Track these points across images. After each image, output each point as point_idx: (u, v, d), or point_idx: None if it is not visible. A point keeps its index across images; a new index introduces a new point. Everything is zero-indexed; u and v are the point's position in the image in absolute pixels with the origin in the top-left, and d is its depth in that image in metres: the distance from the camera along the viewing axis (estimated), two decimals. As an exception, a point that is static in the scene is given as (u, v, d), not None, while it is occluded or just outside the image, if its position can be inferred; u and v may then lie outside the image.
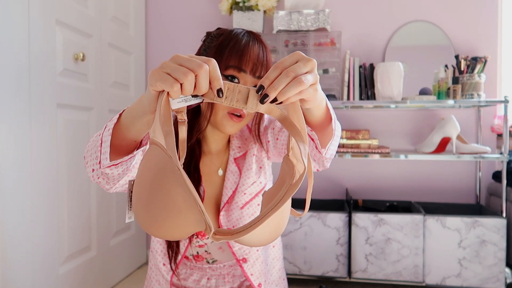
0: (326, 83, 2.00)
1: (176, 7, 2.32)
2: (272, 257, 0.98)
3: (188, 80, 0.44)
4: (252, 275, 0.90)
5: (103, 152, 0.59)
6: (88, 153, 0.66)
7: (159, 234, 0.46)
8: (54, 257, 1.49)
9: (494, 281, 1.70)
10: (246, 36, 0.79)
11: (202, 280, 0.94)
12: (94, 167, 0.63)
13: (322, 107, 0.59)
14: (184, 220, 0.44)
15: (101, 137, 0.60)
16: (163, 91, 0.46)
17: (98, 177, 0.65)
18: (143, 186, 0.46)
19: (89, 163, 0.65)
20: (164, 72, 0.45)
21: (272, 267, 0.97)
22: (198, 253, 0.91)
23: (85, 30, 1.67)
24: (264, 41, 0.81)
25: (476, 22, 2.05)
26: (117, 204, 1.96)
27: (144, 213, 0.46)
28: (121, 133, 0.59)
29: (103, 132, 0.60)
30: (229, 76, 0.77)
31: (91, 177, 0.66)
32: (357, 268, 1.78)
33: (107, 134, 0.58)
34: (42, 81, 1.42)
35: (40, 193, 1.41)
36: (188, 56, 0.46)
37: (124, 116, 0.58)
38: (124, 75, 2.04)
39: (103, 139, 0.59)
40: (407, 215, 1.75)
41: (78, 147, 1.64)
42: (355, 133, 1.91)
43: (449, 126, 1.83)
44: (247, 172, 0.89)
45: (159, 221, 0.45)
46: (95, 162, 0.62)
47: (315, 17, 1.94)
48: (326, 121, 0.65)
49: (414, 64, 2.07)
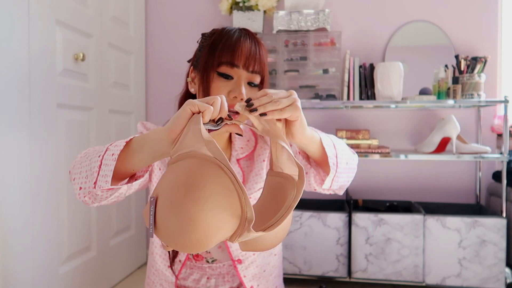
0: (326, 83, 2.01)
1: (176, 7, 2.32)
2: (272, 265, 0.97)
3: (217, 103, 0.56)
4: (245, 277, 0.90)
5: (103, 175, 0.60)
6: (77, 170, 0.66)
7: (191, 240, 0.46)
8: (54, 257, 1.49)
9: (494, 281, 1.70)
10: (238, 32, 0.80)
11: (202, 280, 0.94)
12: (84, 186, 0.64)
13: (315, 143, 0.69)
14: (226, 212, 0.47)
15: (101, 159, 0.61)
16: (198, 112, 0.55)
17: (84, 196, 0.66)
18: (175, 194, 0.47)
19: (77, 180, 0.65)
20: (199, 101, 0.55)
21: (269, 274, 0.96)
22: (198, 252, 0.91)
23: (85, 30, 1.67)
24: (257, 37, 0.82)
25: (476, 22, 2.05)
26: (117, 204, 1.96)
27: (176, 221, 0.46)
28: (126, 161, 0.61)
29: (103, 155, 0.61)
30: (223, 74, 0.77)
31: (76, 194, 0.67)
32: (357, 268, 1.78)
33: (111, 158, 0.60)
34: (42, 81, 1.42)
35: (40, 193, 1.41)
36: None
37: (136, 145, 0.60)
38: (124, 75, 2.04)
39: (105, 162, 0.60)
40: (407, 215, 1.75)
41: (78, 147, 1.65)
42: (355, 133, 1.91)
43: (449, 126, 1.83)
44: (255, 177, 0.88)
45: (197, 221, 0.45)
46: (88, 181, 0.63)
47: (315, 17, 1.94)
48: (323, 159, 0.72)
49: (414, 64, 2.07)
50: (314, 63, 1.99)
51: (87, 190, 0.63)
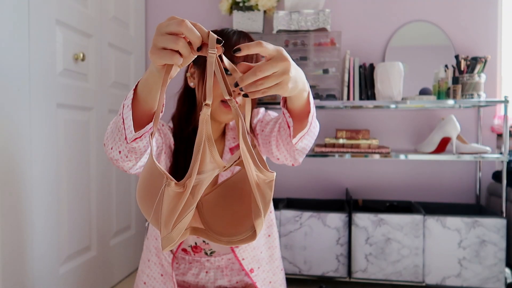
0: (326, 83, 2.01)
1: (176, 7, 2.32)
2: (268, 246, 0.99)
3: (181, 46, 0.49)
4: (244, 260, 0.92)
5: (127, 127, 0.62)
6: (110, 137, 0.69)
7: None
8: (54, 257, 1.49)
9: (494, 281, 1.70)
10: (237, 34, 0.84)
11: (201, 274, 0.94)
12: (121, 148, 0.67)
13: (302, 98, 0.67)
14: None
15: (121, 115, 0.63)
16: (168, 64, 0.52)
17: (126, 156, 0.68)
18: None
19: (114, 147, 0.68)
20: (160, 49, 0.50)
21: (268, 255, 0.98)
22: (196, 243, 0.92)
23: (85, 30, 1.67)
24: (249, 35, 0.86)
25: (476, 22, 2.05)
26: (117, 204, 1.96)
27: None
28: (140, 107, 0.63)
29: (122, 111, 0.63)
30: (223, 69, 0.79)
31: (119, 159, 0.69)
32: (357, 268, 1.78)
33: (127, 110, 0.62)
34: (42, 81, 1.42)
35: (40, 193, 1.41)
36: (168, 20, 0.50)
37: (140, 90, 0.61)
38: (124, 75, 2.04)
39: (124, 116, 0.62)
40: (407, 215, 1.75)
41: (78, 147, 1.65)
42: (355, 133, 1.91)
43: (449, 126, 1.83)
44: None
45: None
46: (121, 140, 0.65)
47: (315, 17, 1.94)
48: (304, 113, 0.71)
49: (414, 64, 2.07)
50: (314, 63, 1.99)
51: (126, 149, 0.66)
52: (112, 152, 0.69)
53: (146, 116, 0.64)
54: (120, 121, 0.64)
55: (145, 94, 0.61)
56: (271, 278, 0.98)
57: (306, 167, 2.20)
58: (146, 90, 0.60)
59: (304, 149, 0.80)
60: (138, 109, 0.63)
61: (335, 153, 1.86)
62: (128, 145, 0.65)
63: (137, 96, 0.62)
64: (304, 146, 0.78)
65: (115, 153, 0.69)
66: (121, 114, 0.63)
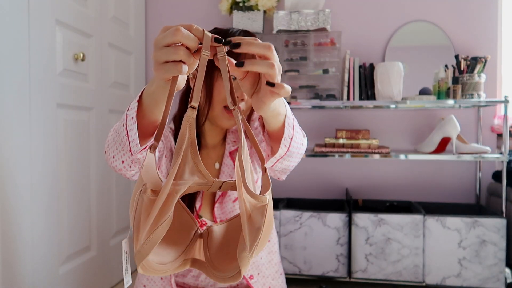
0: (326, 83, 2.00)
1: (176, 7, 2.32)
2: (268, 251, 0.98)
3: (182, 54, 0.48)
4: None
5: (132, 140, 0.62)
6: (113, 147, 0.68)
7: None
8: (54, 257, 1.49)
9: (494, 281, 1.70)
10: (242, 33, 0.83)
11: (200, 276, 0.94)
12: (124, 158, 0.66)
13: (277, 121, 0.64)
14: None
15: (125, 127, 0.62)
16: (174, 77, 0.51)
17: (130, 166, 0.67)
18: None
19: (116, 156, 0.67)
20: (163, 63, 0.49)
21: (267, 261, 0.98)
22: None
23: (85, 30, 1.67)
24: (254, 35, 0.84)
25: (476, 22, 2.05)
26: (117, 204, 1.96)
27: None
28: (145, 118, 0.62)
29: (126, 122, 0.62)
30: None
31: (122, 168, 0.69)
32: (357, 268, 1.78)
33: (132, 122, 0.61)
34: (42, 81, 1.42)
35: (40, 193, 1.41)
36: (162, 32, 0.50)
37: (145, 102, 0.60)
38: (124, 75, 2.04)
39: (128, 128, 0.61)
40: (407, 215, 1.75)
41: (78, 147, 1.65)
42: (355, 133, 1.91)
43: (449, 126, 1.83)
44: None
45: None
46: (124, 151, 0.64)
47: (315, 17, 1.94)
48: (277, 137, 0.68)
49: (414, 64, 2.07)
50: (314, 63, 1.99)
51: (129, 159, 0.66)
52: (115, 161, 0.69)
53: (151, 127, 0.63)
54: (123, 132, 0.63)
55: (152, 106, 0.60)
56: (270, 283, 0.97)
57: (306, 167, 2.20)
58: (152, 102, 0.59)
59: (285, 169, 0.77)
60: (143, 120, 0.62)
61: (335, 153, 1.86)
62: (132, 157, 0.64)
63: (142, 107, 0.61)
64: (284, 167, 0.75)
65: (117, 162, 0.68)
66: (125, 126, 0.62)
